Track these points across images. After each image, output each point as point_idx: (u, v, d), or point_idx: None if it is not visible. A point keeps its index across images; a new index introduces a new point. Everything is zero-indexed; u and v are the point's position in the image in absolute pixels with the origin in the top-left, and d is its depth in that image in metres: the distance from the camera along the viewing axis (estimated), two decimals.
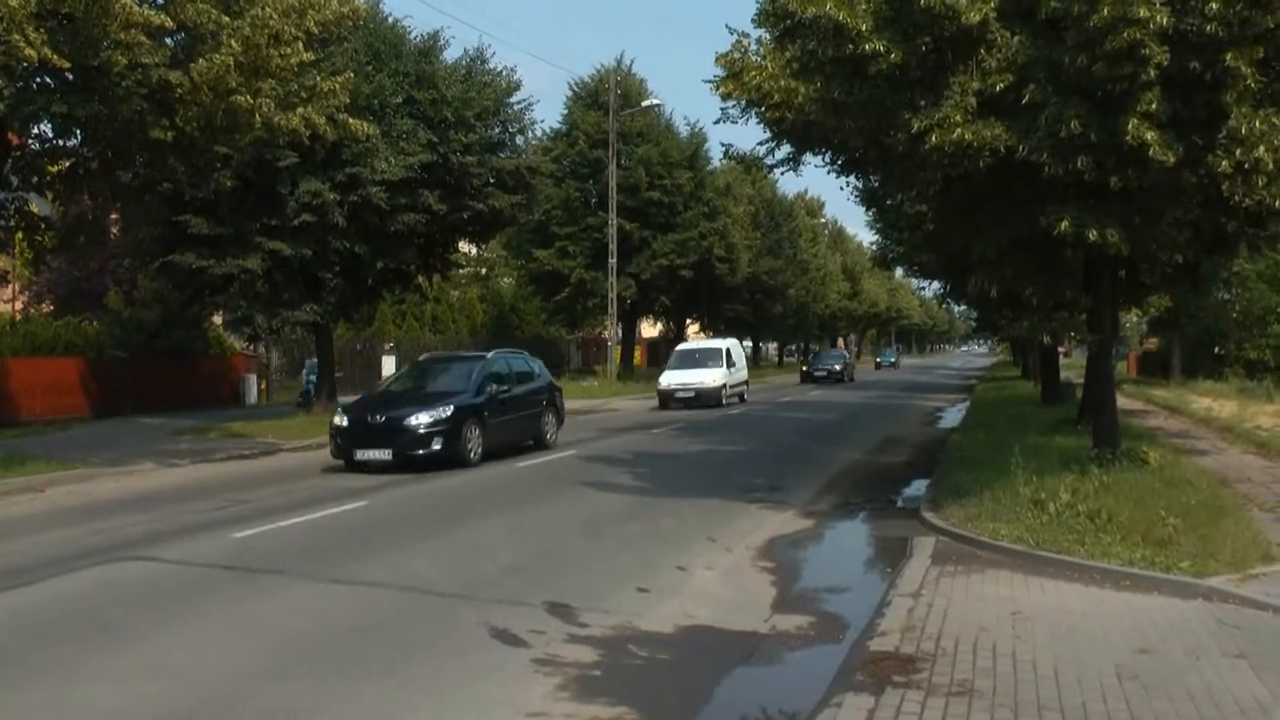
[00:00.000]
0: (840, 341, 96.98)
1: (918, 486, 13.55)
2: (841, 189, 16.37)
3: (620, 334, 44.64)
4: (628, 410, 29.46)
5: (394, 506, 12.19)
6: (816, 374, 45.68)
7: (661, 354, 61.95)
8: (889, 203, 20.58)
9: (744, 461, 16.66)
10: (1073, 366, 37.73)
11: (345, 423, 15.36)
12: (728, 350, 31.11)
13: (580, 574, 8.58)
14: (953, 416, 26.89)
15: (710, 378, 29.48)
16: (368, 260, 22.81)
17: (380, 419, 15.21)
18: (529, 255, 41.90)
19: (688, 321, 54.59)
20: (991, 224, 10.97)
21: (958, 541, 9.30)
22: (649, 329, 62.58)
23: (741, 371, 32.04)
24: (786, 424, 24.01)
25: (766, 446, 18.84)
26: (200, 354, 28.98)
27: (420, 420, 15.15)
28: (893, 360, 77.47)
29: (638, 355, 53.13)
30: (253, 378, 30.59)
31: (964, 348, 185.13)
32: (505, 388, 16.86)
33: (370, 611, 7.36)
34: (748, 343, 66.78)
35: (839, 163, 13.15)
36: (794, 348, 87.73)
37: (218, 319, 29.36)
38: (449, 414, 15.28)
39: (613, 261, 38.08)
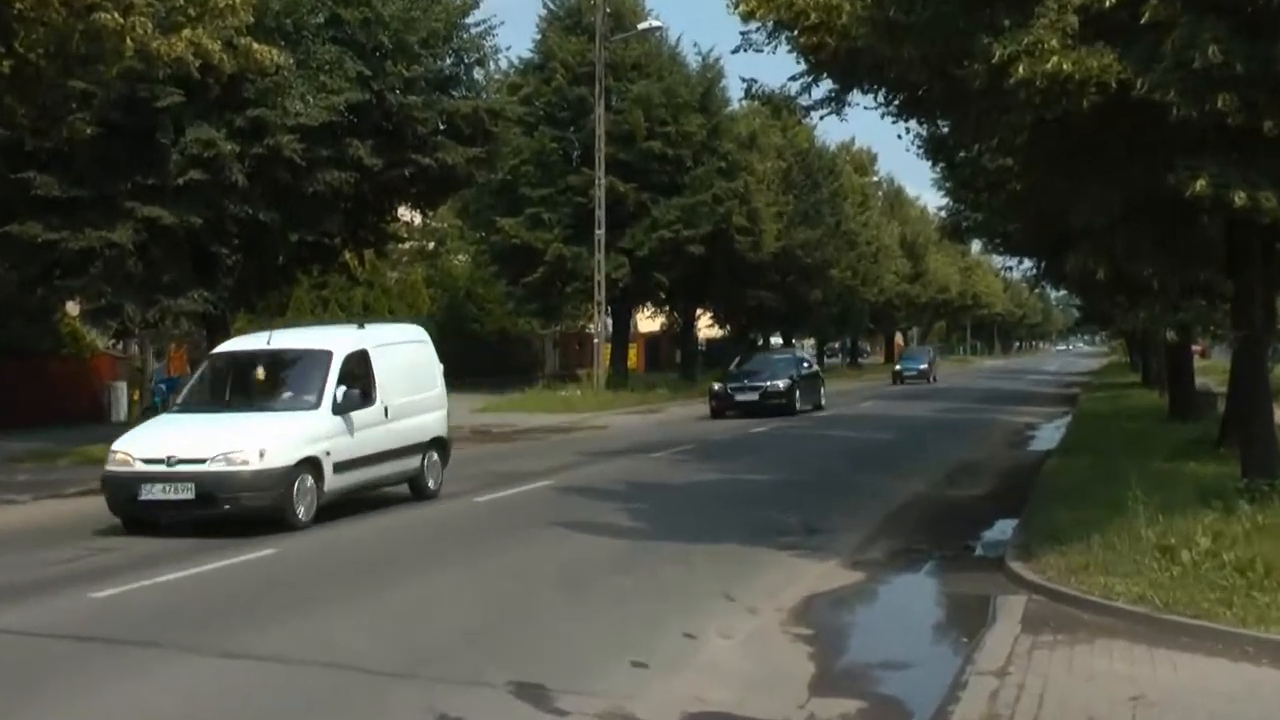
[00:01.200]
0: (903, 338, 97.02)
1: (1002, 528, 13.62)
2: (899, 137, 16.64)
3: (610, 328, 44.57)
4: (620, 428, 29.49)
5: (313, 554, 12.20)
6: (740, 398, 32.62)
7: (663, 354, 62.19)
8: (962, 155, 20.61)
9: (772, 494, 16.74)
10: (1212, 371, 37.67)
11: None
12: (351, 358, 15.21)
13: (557, 643, 8.60)
14: (1049, 435, 27.01)
15: (250, 442, 13.61)
16: (278, 231, 22.78)
17: None
18: (491, 225, 41.91)
19: (698, 311, 54.66)
20: (1100, 182, 11.01)
21: (1057, 601, 9.31)
22: (647, 321, 62.55)
23: (414, 419, 16.12)
24: (828, 446, 24.11)
25: (801, 475, 18.93)
26: (49, 354, 28.93)
27: None
28: (923, 367, 60.24)
29: (633, 355, 53.10)
30: (123, 385, 30.52)
31: (1063, 346, 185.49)
32: None
33: (274, 695, 7.32)
34: (778, 340, 66.87)
35: (896, 103, 13.13)
36: (838, 346, 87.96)
37: (73, 308, 29.30)
38: None
39: (600, 233, 38.06)
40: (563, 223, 40.83)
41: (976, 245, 54.64)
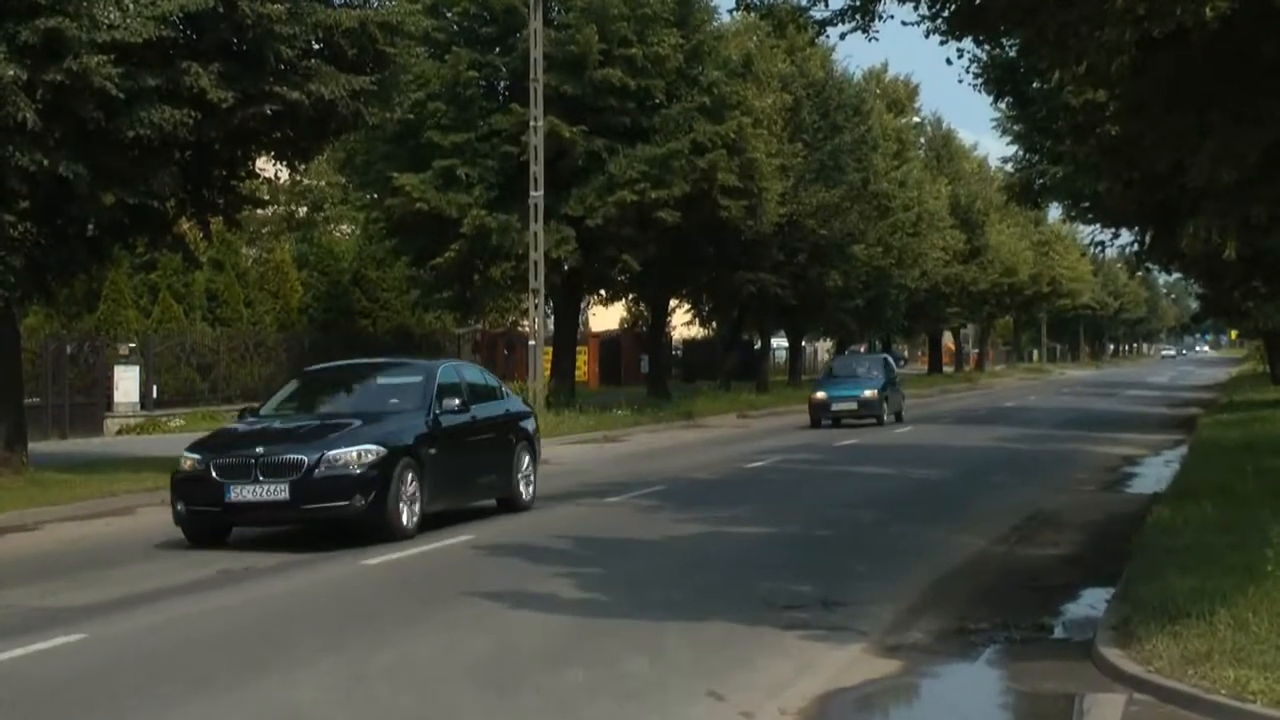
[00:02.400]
0: (953, 338, 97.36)
1: (1091, 600, 13.72)
2: (950, 63, 16.68)
3: (552, 326, 44.50)
4: (565, 462, 29.43)
5: (136, 640, 12.07)
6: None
7: (625, 361, 62.26)
8: (1037, 87, 20.82)
9: (775, 553, 16.82)
10: None
11: None
12: None
13: None
14: (1156, 473, 27.17)
15: None
16: (85, 190, 22.60)
17: None
18: (386, 184, 41.75)
19: (672, 303, 54.74)
20: (1229, 124, 11.04)
21: (1168, 702, 9.28)
22: (603, 316, 62.65)
23: None
24: (851, 487, 24.27)
25: (814, 526, 19.03)
26: None
27: None
28: (867, 394, 43.73)
29: (583, 364, 53.22)
30: None
31: (1173, 350, 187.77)
32: None
33: None
34: (783, 342, 67.02)
35: (945, 14, 13.23)
36: (863, 350, 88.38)
37: None
38: None
39: (537, 195, 38.02)
40: (486, 181, 40.71)
41: (1055, 211, 55.11)
